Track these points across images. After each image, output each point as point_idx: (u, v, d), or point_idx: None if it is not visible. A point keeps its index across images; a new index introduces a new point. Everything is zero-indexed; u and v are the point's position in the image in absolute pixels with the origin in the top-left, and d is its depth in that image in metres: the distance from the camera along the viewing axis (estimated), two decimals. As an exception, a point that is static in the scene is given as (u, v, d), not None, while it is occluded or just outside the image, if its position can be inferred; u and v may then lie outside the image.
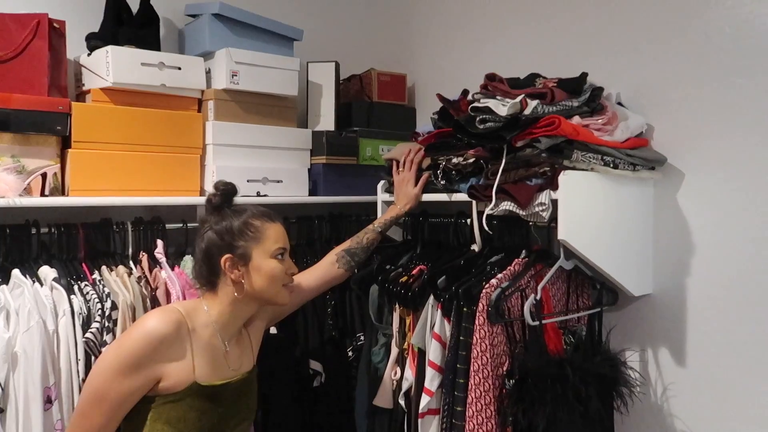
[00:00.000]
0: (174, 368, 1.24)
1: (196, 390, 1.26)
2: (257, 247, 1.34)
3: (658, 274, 1.60)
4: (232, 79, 1.88)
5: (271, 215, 1.39)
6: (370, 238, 1.70)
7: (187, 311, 1.31)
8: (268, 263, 1.34)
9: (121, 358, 1.20)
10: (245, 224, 1.34)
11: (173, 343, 1.24)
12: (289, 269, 1.39)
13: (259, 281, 1.34)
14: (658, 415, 1.59)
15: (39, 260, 1.57)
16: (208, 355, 1.30)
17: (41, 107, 1.59)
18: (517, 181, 1.45)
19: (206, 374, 1.29)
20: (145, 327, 1.23)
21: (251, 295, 1.35)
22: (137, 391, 1.21)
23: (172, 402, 1.24)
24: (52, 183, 1.63)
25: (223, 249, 1.32)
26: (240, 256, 1.33)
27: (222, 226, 1.34)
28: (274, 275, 1.35)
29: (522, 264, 1.50)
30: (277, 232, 1.38)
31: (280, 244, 1.37)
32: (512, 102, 1.42)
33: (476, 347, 1.40)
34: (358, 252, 1.68)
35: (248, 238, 1.34)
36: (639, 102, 1.63)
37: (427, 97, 2.37)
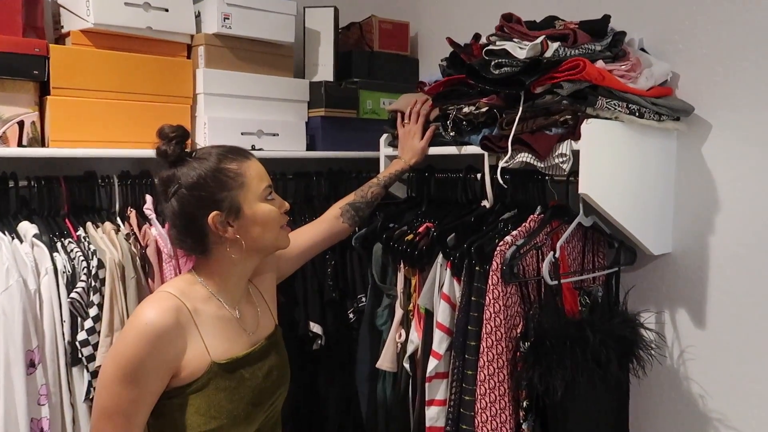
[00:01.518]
0: (188, 356, 1.10)
1: (217, 370, 1.12)
2: (244, 194, 1.16)
3: (678, 232, 1.51)
4: (223, 22, 1.74)
5: (243, 152, 1.21)
6: (374, 192, 1.60)
7: (182, 291, 1.15)
8: (261, 208, 1.18)
9: (122, 367, 1.04)
10: (221, 170, 1.15)
11: (177, 333, 1.09)
12: (281, 207, 1.23)
13: (256, 231, 1.18)
14: (674, 378, 1.52)
15: (18, 216, 1.47)
16: (219, 329, 1.16)
17: (15, 49, 1.45)
18: (535, 130, 1.34)
19: (224, 350, 1.15)
20: (140, 326, 1.06)
21: (252, 249, 1.20)
22: (151, 395, 1.07)
23: (196, 391, 1.10)
24: (31, 133, 1.50)
25: (205, 207, 1.13)
26: (229, 210, 1.15)
27: (194, 181, 1.13)
28: (271, 219, 1.19)
29: (537, 220, 1.41)
30: (258, 168, 1.21)
31: (266, 182, 1.20)
32: (532, 44, 1.30)
33: (489, 308, 1.32)
34: (362, 207, 1.57)
35: (231, 186, 1.15)
36: (663, 48, 1.51)
37: (430, 47, 2.24)
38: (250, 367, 1.18)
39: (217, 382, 1.12)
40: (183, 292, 1.15)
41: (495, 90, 1.41)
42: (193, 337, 1.11)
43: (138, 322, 1.07)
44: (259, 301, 1.31)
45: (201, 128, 1.75)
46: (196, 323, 1.13)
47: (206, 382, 1.11)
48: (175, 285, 1.17)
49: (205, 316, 1.15)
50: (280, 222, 1.22)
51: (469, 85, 1.48)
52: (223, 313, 1.19)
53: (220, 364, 1.13)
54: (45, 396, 1.30)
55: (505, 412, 1.32)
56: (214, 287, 1.19)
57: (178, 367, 1.09)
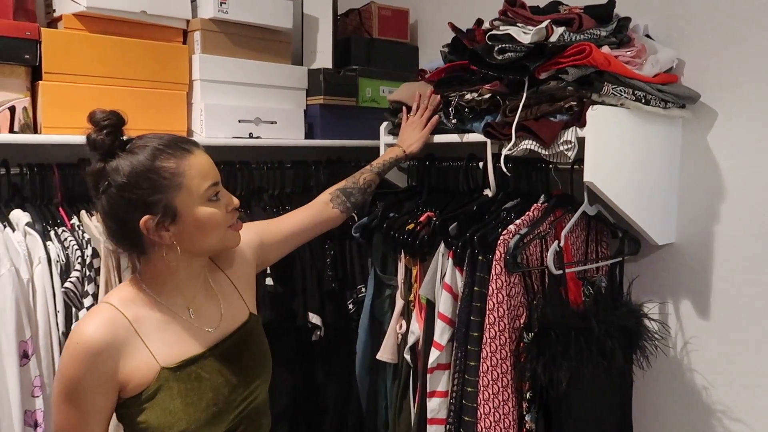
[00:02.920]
0: (130, 369, 1.02)
1: (167, 375, 1.04)
2: (181, 196, 1.03)
3: (682, 221, 1.49)
4: (220, 7, 1.71)
5: (186, 143, 1.06)
6: (367, 178, 1.53)
7: (123, 299, 1.06)
8: (201, 212, 1.04)
9: (63, 387, 1.00)
10: (155, 170, 1.01)
11: (115, 347, 1.01)
12: (228, 205, 1.10)
13: (198, 236, 1.06)
14: (677, 370, 1.51)
15: (10, 204, 1.43)
16: (167, 333, 1.07)
17: (5, 32, 1.41)
18: (540, 117, 1.32)
19: (173, 353, 1.06)
20: (73, 345, 1.00)
21: (192, 252, 1.08)
22: (98, 411, 1.02)
23: (148, 400, 1.03)
24: (23, 119, 1.47)
25: (135, 210, 1.01)
26: (164, 214, 1.02)
27: (124, 180, 1.00)
28: (214, 223, 1.06)
29: (541, 209, 1.39)
30: (201, 164, 1.05)
31: (209, 181, 1.05)
32: (536, 28, 1.28)
33: (492, 298, 1.30)
34: (354, 193, 1.50)
35: (166, 188, 1.01)
36: (669, 34, 1.49)
37: (430, 34, 2.20)
38: (209, 365, 1.09)
39: (170, 387, 1.04)
40: (124, 300, 1.06)
41: (498, 76, 1.38)
42: (134, 348, 1.03)
43: (71, 342, 1.01)
44: (227, 292, 1.20)
45: (197, 115, 1.72)
46: (138, 332, 1.04)
47: (157, 389, 1.03)
48: (117, 293, 1.09)
49: (148, 323, 1.06)
50: (226, 223, 1.09)
51: (472, 71, 1.45)
52: (173, 315, 1.09)
53: (171, 369, 1.05)
54: (39, 387, 1.27)
55: (508, 403, 1.30)
56: (159, 291, 1.09)
57: (121, 380, 1.02)
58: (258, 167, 1.83)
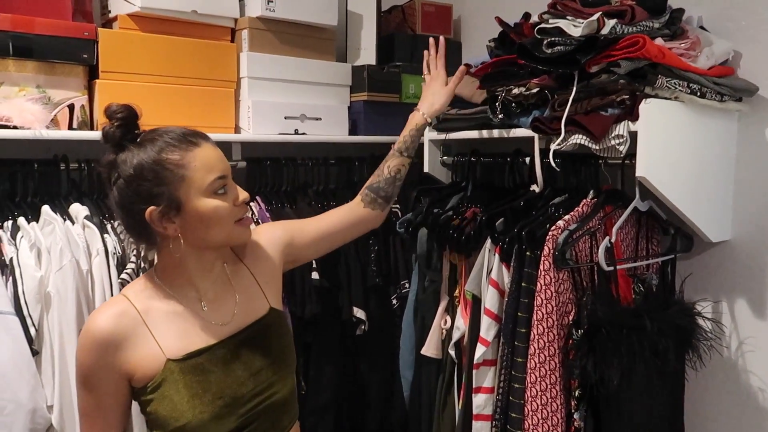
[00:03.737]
0: (136, 359, 1.04)
1: (173, 367, 1.05)
2: (185, 188, 1.03)
3: (738, 218, 1.44)
4: (267, 5, 1.73)
5: (193, 136, 1.06)
6: (391, 166, 1.41)
7: (137, 291, 1.09)
8: (205, 204, 1.04)
9: (78, 372, 1.06)
10: (159, 162, 1.02)
11: (121, 338, 1.03)
12: (236, 199, 1.09)
13: (202, 229, 1.06)
14: (732, 371, 1.46)
15: (69, 198, 1.48)
16: (176, 325, 1.08)
17: (65, 33, 1.47)
18: (590, 111, 1.30)
19: (180, 346, 1.07)
20: (84, 334, 1.04)
21: (197, 246, 1.08)
22: (110, 398, 1.05)
23: (154, 391, 1.05)
24: (80, 116, 1.52)
25: (141, 201, 1.03)
26: (168, 206, 1.03)
27: (131, 172, 1.02)
28: (219, 215, 1.06)
29: (591, 205, 1.36)
30: (207, 157, 1.05)
31: (215, 174, 1.05)
32: (587, 21, 1.26)
33: (540, 294, 1.28)
34: (382, 186, 1.40)
35: (169, 180, 1.02)
36: (724, 25, 1.44)
37: (473, 30, 2.18)
38: (216, 359, 1.09)
39: (175, 379, 1.05)
40: (138, 292, 1.09)
41: (547, 70, 1.36)
42: (141, 339, 1.05)
43: (83, 331, 1.06)
44: (247, 286, 1.19)
45: (245, 112, 1.75)
46: (146, 323, 1.06)
47: (163, 380, 1.05)
48: (132, 285, 1.13)
49: (158, 315, 1.08)
50: (233, 217, 1.08)
51: (519, 65, 1.44)
52: (181, 308, 1.10)
53: (176, 361, 1.05)
54: (97, 375, 1.31)
55: (556, 401, 1.29)
56: (171, 283, 1.10)
57: (128, 370, 1.05)
58: (303, 163, 1.86)
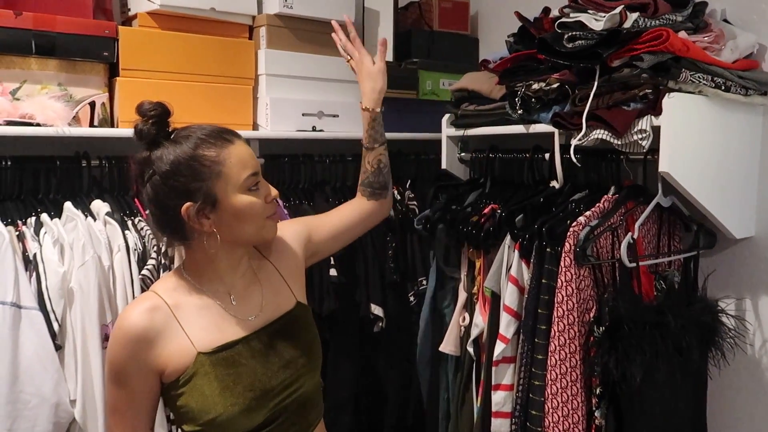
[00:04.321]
0: (168, 354, 1.05)
1: (204, 360, 1.06)
2: (221, 184, 1.05)
3: (762, 214, 1.42)
4: (285, 2, 1.73)
5: (227, 133, 1.09)
6: (370, 160, 1.42)
7: (168, 288, 1.10)
8: (240, 200, 1.06)
9: (109, 368, 1.07)
10: (196, 158, 1.04)
11: (153, 333, 1.05)
12: (268, 196, 1.11)
13: (236, 225, 1.08)
14: (756, 370, 1.44)
15: (90, 194, 1.50)
16: (206, 319, 1.09)
17: (87, 31, 1.48)
18: (612, 106, 1.28)
19: (211, 339, 1.08)
20: (116, 330, 1.06)
21: (231, 241, 1.10)
22: (141, 393, 1.06)
23: (185, 384, 1.06)
24: (101, 114, 1.53)
25: (177, 197, 1.04)
26: (204, 202, 1.05)
27: (167, 168, 1.04)
28: (253, 211, 1.08)
29: (612, 201, 1.35)
30: (241, 154, 1.08)
31: (249, 170, 1.07)
32: (609, 14, 1.24)
33: (561, 291, 1.27)
34: (371, 179, 1.41)
35: (206, 176, 1.04)
36: (748, 18, 1.42)
37: (491, 26, 2.17)
38: (246, 352, 1.10)
39: (206, 371, 1.06)
40: (168, 288, 1.11)
41: (568, 64, 1.35)
42: (173, 334, 1.06)
43: (116, 327, 1.07)
44: (273, 281, 1.20)
45: (263, 109, 1.75)
46: (177, 318, 1.07)
47: (194, 373, 1.05)
48: (162, 282, 1.14)
49: (188, 309, 1.09)
50: (265, 213, 1.11)
51: (539, 60, 1.42)
52: (210, 302, 1.11)
53: (207, 354, 1.07)
54: (119, 370, 1.33)
55: (577, 398, 1.28)
56: (200, 278, 1.12)
57: (160, 365, 1.05)
58: (321, 160, 1.86)
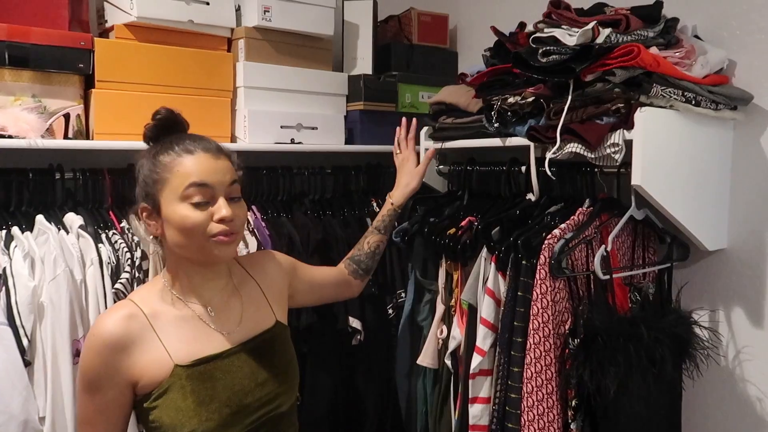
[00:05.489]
0: (143, 364, 1.04)
1: (180, 373, 1.04)
2: (165, 191, 1.06)
3: (734, 226, 1.44)
4: (264, 15, 1.74)
5: (195, 143, 1.08)
6: (371, 241, 1.51)
7: (144, 296, 1.10)
8: (176, 211, 1.04)
9: (82, 378, 1.05)
10: (154, 162, 1.07)
11: (130, 341, 1.04)
12: (215, 214, 1.05)
13: (177, 236, 1.06)
14: (729, 380, 1.46)
15: (64, 207, 1.48)
16: (183, 330, 1.08)
17: (62, 42, 1.47)
18: (585, 119, 1.30)
19: (188, 351, 1.06)
20: (91, 337, 1.05)
21: (178, 253, 1.09)
22: (113, 404, 1.04)
23: (161, 397, 1.04)
24: (76, 126, 1.52)
25: (140, 195, 1.10)
26: (150, 206, 1.08)
27: (139, 167, 1.11)
28: (187, 225, 1.04)
29: (586, 213, 1.36)
30: (193, 164, 1.05)
31: (189, 179, 1.04)
32: (582, 30, 1.26)
33: (536, 303, 1.28)
34: (363, 258, 1.49)
35: (155, 180, 1.06)
36: (719, 34, 1.45)
37: (469, 39, 2.19)
38: (224, 367, 1.09)
39: (182, 385, 1.04)
40: (144, 296, 1.10)
41: (542, 79, 1.37)
42: (149, 343, 1.05)
43: (90, 335, 1.06)
44: (254, 298, 1.21)
45: (241, 121, 1.75)
46: (153, 327, 1.06)
47: (170, 386, 1.04)
48: (140, 290, 1.16)
49: (165, 319, 1.08)
50: (206, 231, 1.05)
51: (515, 74, 1.44)
52: (188, 314, 1.11)
53: (184, 367, 1.05)
54: (90, 385, 1.30)
55: (553, 410, 1.28)
56: (177, 286, 1.12)
57: (134, 375, 1.04)
58: (299, 172, 1.85)
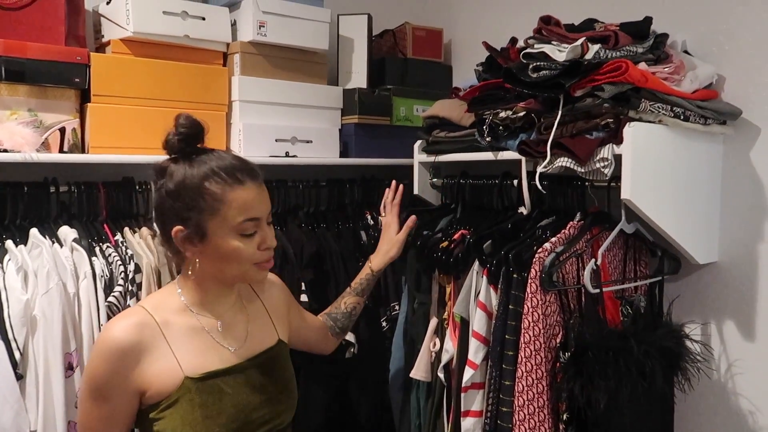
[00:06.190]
0: (153, 373, 1.04)
1: (190, 385, 1.05)
2: (215, 221, 1.05)
3: (725, 240, 1.45)
4: (259, 30, 1.76)
5: (242, 172, 1.07)
6: (348, 302, 1.49)
7: (156, 304, 1.10)
8: (228, 243, 1.06)
9: (88, 384, 1.04)
10: (200, 189, 1.04)
11: (141, 349, 1.04)
12: (262, 244, 1.09)
13: (219, 262, 1.08)
14: (721, 393, 1.46)
15: (58, 220, 1.49)
16: (194, 342, 1.09)
17: (58, 57, 1.49)
18: (575, 134, 1.31)
19: (198, 364, 1.07)
20: (101, 343, 1.04)
21: (213, 275, 1.11)
22: (120, 413, 1.04)
23: (168, 407, 1.04)
24: (71, 139, 1.53)
25: (173, 216, 1.06)
26: (195, 231, 1.05)
27: (173, 189, 1.05)
28: (238, 256, 1.07)
29: (577, 227, 1.37)
30: (246, 197, 1.06)
31: (246, 215, 1.06)
32: (571, 46, 1.28)
33: (527, 317, 1.28)
34: (339, 317, 1.47)
35: (203, 209, 1.04)
36: (708, 50, 1.47)
37: (464, 53, 2.22)
38: (232, 382, 1.10)
39: (191, 398, 1.05)
40: (156, 304, 1.10)
41: (533, 94, 1.38)
42: (160, 353, 1.05)
43: (100, 340, 1.06)
44: (259, 316, 1.23)
45: (236, 135, 1.76)
46: (165, 337, 1.06)
47: (179, 398, 1.04)
48: (152, 297, 1.17)
49: (176, 329, 1.08)
50: (254, 260, 1.09)
51: (506, 89, 1.46)
52: (199, 325, 1.11)
53: (194, 379, 1.06)
54: (82, 399, 1.30)
55: (545, 424, 1.28)
56: (191, 298, 1.13)
57: (143, 384, 1.04)
58: (294, 185, 1.86)
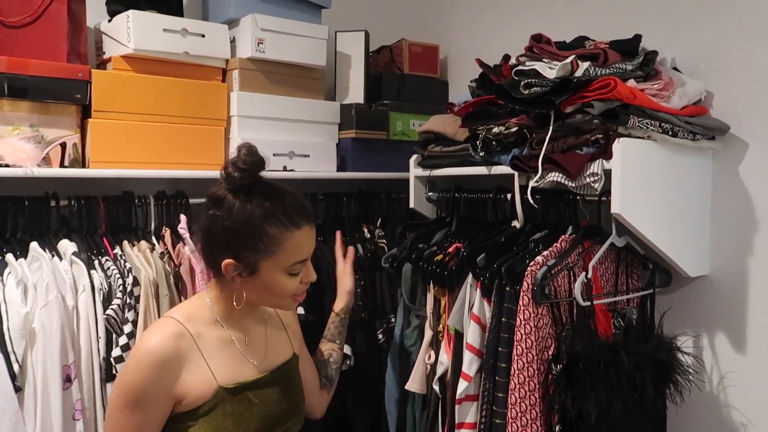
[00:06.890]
0: (190, 383, 1.10)
1: (224, 395, 1.12)
2: (269, 261, 1.13)
3: (716, 253, 1.47)
4: (257, 47, 1.79)
5: (300, 216, 1.14)
6: (323, 349, 1.52)
7: (187, 315, 1.15)
8: (277, 280, 1.15)
9: (124, 394, 1.07)
10: (258, 230, 1.10)
11: (178, 359, 1.09)
12: (305, 278, 1.20)
13: (263, 293, 1.17)
14: (713, 405, 1.47)
15: (58, 234, 1.51)
16: (224, 354, 1.16)
17: (60, 74, 1.52)
18: (566, 150, 1.34)
19: (230, 375, 1.15)
20: (140, 353, 1.08)
21: (250, 301, 1.20)
22: (154, 422, 1.08)
23: (203, 416, 1.09)
24: (72, 154, 1.56)
25: (226, 249, 1.12)
26: (245, 267, 1.13)
27: (230, 225, 1.10)
28: (284, 291, 1.17)
29: (569, 241, 1.39)
30: (301, 240, 1.15)
31: (298, 257, 1.15)
32: (562, 63, 1.31)
33: (520, 329, 1.30)
34: (321, 366, 1.49)
35: (260, 249, 1.11)
36: (697, 66, 1.50)
37: (460, 69, 2.25)
38: (260, 393, 1.17)
39: (224, 407, 1.11)
40: (188, 316, 1.15)
41: (525, 110, 1.41)
42: (195, 363, 1.11)
43: (139, 350, 1.08)
44: (277, 331, 1.31)
45: (234, 149, 1.78)
46: (199, 348, 1.12)
47: (213, 407, 1.10)
48: (182, 308, 1.20)
49: (209, 340, 1.15)
50: (294, 293, 1.19)
51: (499, 105, 1.48)
52: (230, 338, 1.19)
53: (228, 389, 1.12)
54: (80, 411, 1.32)
55: (537, 436, 1.29)
56: (220, 312, 1.20)
57: (180, 393, 1.08)
58: (291, 199, 1.88)
